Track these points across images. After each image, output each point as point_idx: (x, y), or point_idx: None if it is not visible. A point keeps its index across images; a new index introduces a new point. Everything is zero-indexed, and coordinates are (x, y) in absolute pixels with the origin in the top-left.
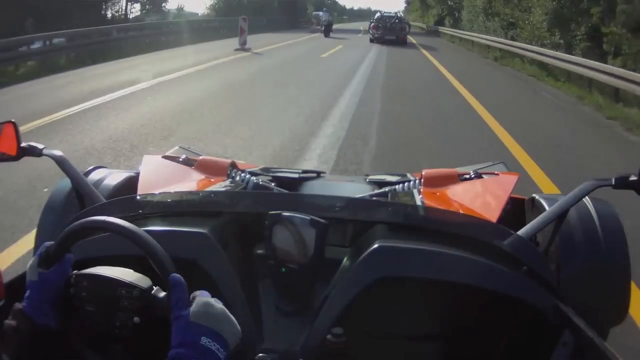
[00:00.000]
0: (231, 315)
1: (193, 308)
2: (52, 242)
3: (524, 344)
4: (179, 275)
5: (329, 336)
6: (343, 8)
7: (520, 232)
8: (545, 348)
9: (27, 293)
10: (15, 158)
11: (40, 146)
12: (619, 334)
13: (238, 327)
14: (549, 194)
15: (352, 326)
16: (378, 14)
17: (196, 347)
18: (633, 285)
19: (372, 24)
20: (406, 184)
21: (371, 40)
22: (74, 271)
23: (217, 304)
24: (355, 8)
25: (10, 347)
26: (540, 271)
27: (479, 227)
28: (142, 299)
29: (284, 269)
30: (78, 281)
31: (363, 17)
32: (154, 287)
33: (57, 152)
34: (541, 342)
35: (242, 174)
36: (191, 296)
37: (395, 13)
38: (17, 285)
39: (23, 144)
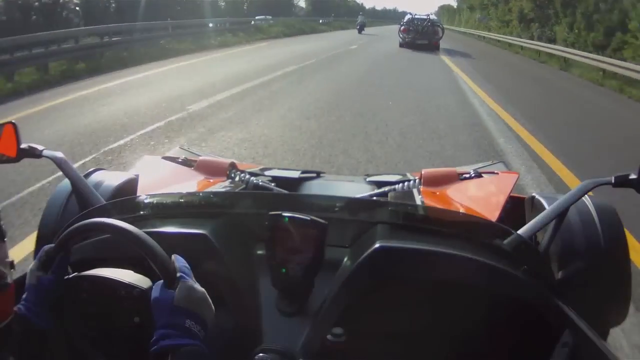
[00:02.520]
0: (208, 297)
1: (178, 293)
2: (52, 245)
3: (523, 344)
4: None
5: (328, 336)
6: (359, 7)
7: (520, 231)
8: (545, 348)
9: (25, 295)
10: (15, 160)
11: (40, 147)
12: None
13: (213, 307)
14: (548, 193)
15: (352, 326)
16: (408, 16)
17: (181, 329)
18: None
19: (402, 27)
20: (406, 183)
21: (401, 45)
22: (74, 273)
23: (198, 287)
24: (379, 8)
25: (7, 350)
26: (540, 270)
27: (479, 226)
28: (142, 300)
29: (284, 269)
30: (78, 283)
31: (388, 20)
32: (153, 287)
33: (57, 154)
34: (541, 342)
35: (242, 175)
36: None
37: (428, 15)
38: (16, 289)
39: (23, 145)
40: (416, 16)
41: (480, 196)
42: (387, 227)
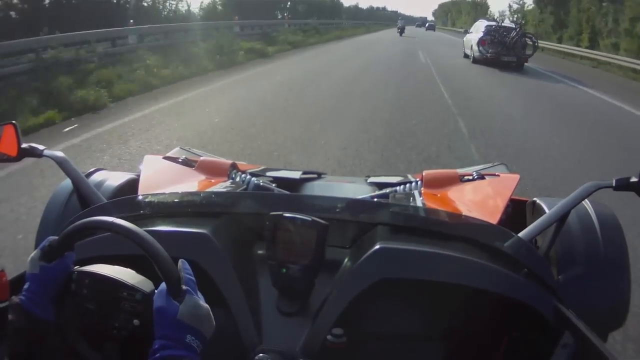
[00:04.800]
0: (211, 313)
1: (183, 307)
2: (56, 237)
3: (524, 346)
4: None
5: (329, 337)
6: (337, 4)
7: (521, 234)
8: (546, 350)
9: (26, 285)
10: (16, 159)
11: (40, 147)
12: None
13: (214, 323)
14: (549, 197)
15: (352, 327)
16: (486, 23)
17: (181, 343)
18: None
19: (482, 38)
20: (407, 185)
21: (474, 61)
22: (76, 267)
23: (203, 304)
24: (363, 6)
25: (8, 341)
26: (540, 273)
27: (480, 228)
28: (143, 303)
29: (284, 269)
30: (80, 278)
31: (376, 20)
32: (156, 291)
33: (58, 153)
34: (541, 343)
35: (243, 175)
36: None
37: (518, 24)
38: (18, 284)
39: (24, 145)
40: (501, 24)
41: (481, 198)
42: (388, 229)
